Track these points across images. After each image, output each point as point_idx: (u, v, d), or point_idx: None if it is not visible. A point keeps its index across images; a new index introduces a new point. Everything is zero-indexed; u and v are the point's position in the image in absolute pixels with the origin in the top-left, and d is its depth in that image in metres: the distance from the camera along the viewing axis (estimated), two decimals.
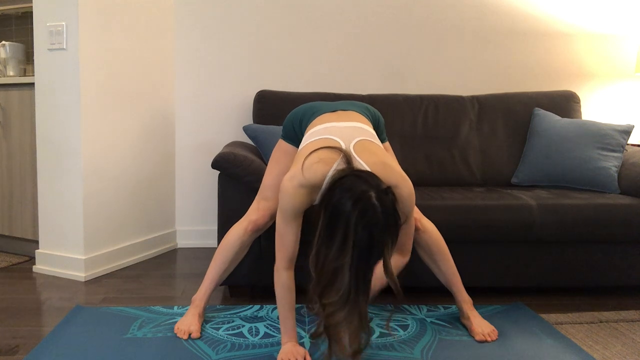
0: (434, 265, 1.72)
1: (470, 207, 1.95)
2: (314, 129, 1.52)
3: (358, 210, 1.13)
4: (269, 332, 1.67)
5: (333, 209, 1.16)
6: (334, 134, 1.41)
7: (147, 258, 2.62)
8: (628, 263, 2.02)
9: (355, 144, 1.38)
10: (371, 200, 1.14)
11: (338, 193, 1.16)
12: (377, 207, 1.14)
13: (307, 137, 1.51)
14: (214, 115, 2.85)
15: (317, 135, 1.45)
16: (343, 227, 1.13)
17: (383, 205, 1.14)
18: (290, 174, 1.33)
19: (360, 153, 1.36)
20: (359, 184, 1.16)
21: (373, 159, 1.34)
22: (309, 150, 1.35)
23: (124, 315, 1.77)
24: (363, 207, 1.13)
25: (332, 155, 1.31)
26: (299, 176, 1.30)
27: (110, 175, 2.37)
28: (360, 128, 1.47)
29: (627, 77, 2.92)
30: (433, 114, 2.58)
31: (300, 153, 1.40)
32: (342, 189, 1.16)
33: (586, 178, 2.23)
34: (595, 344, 1.62)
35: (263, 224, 1.71)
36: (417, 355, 1.51)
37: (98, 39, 2.26)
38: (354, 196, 1.13)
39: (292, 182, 1.31)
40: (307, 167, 1.30)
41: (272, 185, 1.69)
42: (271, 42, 2.83)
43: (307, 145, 1.42)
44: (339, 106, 1.64)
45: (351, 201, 1.13)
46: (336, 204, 1.15)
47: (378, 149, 1.41)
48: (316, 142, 1.40)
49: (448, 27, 2.87)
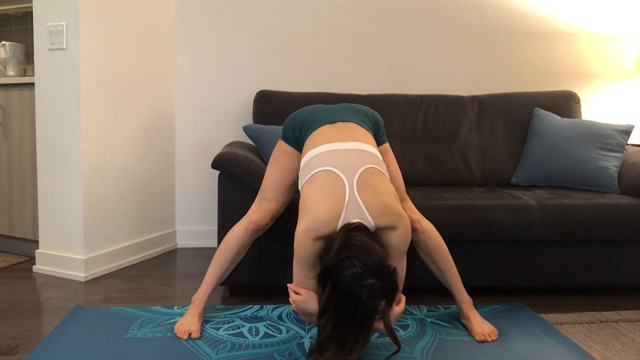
0: (434, 266, 1.72)
1: (470, 207, 1.95)
2: (313, 151, 1.52)
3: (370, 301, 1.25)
4: (269, 332, 1.67)
5: (343, 294, 1.25)
6: (337, 166, 1.43)
7: (147, 258, 2.62)
8: (628, 263, 2.02)
9: (358, 179, 1.41)
10: (375, 292, 1.25)
11: (347, 281, 1.24)
12: (379, 295, 1.26)
13: (307, 163, 1.51)
14: (214, 115, 2.85)
15: (319, 164, 1.46)
16: (353, 309, 1.25)
17: (384, 290, 1.28)
18: (304, 227, 1.36)
19: (362, 192, 1.39)
20: (366, 274, 1.24)
21: (374, 202, 1.38)
22: (316, 195, 1.40)
23: (124, 315, 1.77)
24: (372, 299, 1.25)
25: (339, 203, 1.37)
26: (314, 229, 1.35)
27: (110, 175, 2.37)
28: (361, 152, 1.48)
29: (627, 77, 2.92)
30: (433, 114, 2.58)
31: (309, 197, 1.42)
32: (351, 277, 1.24)
33: (586, 178, 2.23)
34: (595, 344, 1.62)
35: (264, 224, 1.71)
36: (417, 355, 1.51)
37: (98, 39, 2.26)
38: (364, 288, 1.24)
39: (307, 235, 1.36)
40: (319, 219, 1.36)
41: (272, 185, 1.70)
42: (271, 42, 2.83)
43: (311, 187, 1.43)
44: (338, 115, 1.63)
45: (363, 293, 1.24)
46: (347, 292, 1.25)
47: (379, 181, 1.44)
48: (321, 182, 1.42)
49: (448, 27, 2.87)
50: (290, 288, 1.46)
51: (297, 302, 1.42)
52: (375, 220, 1.38)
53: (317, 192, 1.40)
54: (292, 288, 1.45)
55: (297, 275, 1.45)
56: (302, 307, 1.42)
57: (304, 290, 1.43)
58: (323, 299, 1.28)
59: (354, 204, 1.38)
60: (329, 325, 1.26)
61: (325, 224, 1.35)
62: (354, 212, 1.37)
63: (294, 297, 1.43)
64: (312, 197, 1.40)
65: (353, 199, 1.38)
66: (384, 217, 1.38)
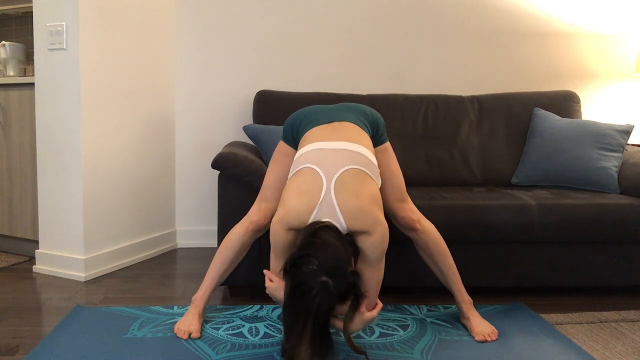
0: (434, 266, 1.72)
1: (470, 207, 1.95)
2: (304, 148, 1.54)
3: (318, 297, 1.26)
4: (269, 332, 1.67)
5: (296, 288, 1.28)
6: (319, 164, 1.45)
7: (147, 258, 2.62)
8: (628, 263, 2.02)
9: (337, 179, 1.42)
10: (327, 289, 1.26)
11: (301, 276, 1.27)
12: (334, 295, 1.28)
13: (296, 159, 1.55)
14: (214, 115, 2.85)
15: (304, 161, 1.49)
16: (303, 303, 1.27)
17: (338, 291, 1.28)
18: (278, 217, 1.42)
19: (338, 193, 1.40)
20: (320, 272, 1.26)
21: (348, 204, 1.40)
22: (294, 190, 1.44)
23: (124, 315, 1.77)
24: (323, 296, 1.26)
25: (312, 200, 1.40)
26: (285, 221, 1.41)
27: (110, 175, 2.37)
28: (348, 152, 1.49)
29: (628, 77, 2.92)
30: (433, 114, 2.58)
31: (287, 190, 1.47)
32: (304, 273, 1.27)
33: (586, 178, 2.23)
34: (595, 344, 1.62)
35: (264, 224, 1.71)
36: (417, 355, 1.51)
37: (98, 39, 2.26)
38: (315, 284, 1.26)
39: (279, 225, 1.42)
40: (291, 211, 1.40)
41: (272, 185, 1.70)
42: (271, 42, 2.83)
43: (293, 181, 1.47)
44: (336, 115, 1.64)
45: (313, 289, 1.26)
46: (300, 286, 1.27)
47: (360, 184, 1.44)
48: (301, 178, 1.45)
49: (448, 27, 2.87)
50: (266, 274, 1.52)
51: (269, 288, 1.49)
52: (348, 223, 1.39)
53: (295, 187, 1.45)
54: (268, 275, 1.51)
55: (272, 262, 1.51)
56: (274, 295, 1.49)
57: (277, 277, 1.48)
58: (285, 293, 1.32)
59: (327, 204, 1.40)
60: (287, 318, 1.31)
61: (295, 218, 1.40)
62: (326, 211, 1.40)
63: (267, 283, 1.50)
64: (290, 190, 1.45)
65: (327, 199, 1.40)
66: (357, 220, 1.39)
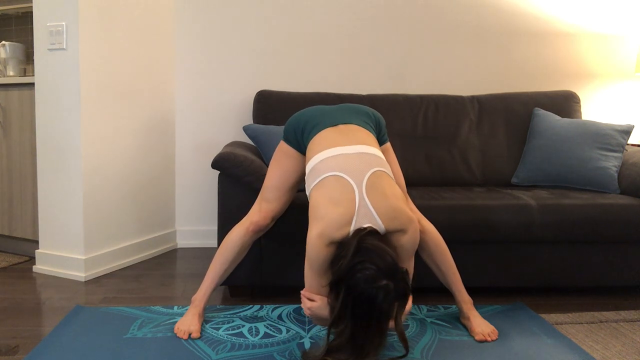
0: (434, 266, 1.72)
1: (470, 207, 1.95)
2: (319, 155, 1.51)
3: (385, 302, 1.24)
4: (269, 332, 1.67)
5: (358, 297, 1.24)
6: (344, 170, 1.43)
7: (147, 258, 2.62)
8: (628, 263, 2.02)
9: (367, 183, 1.41)
10: (389, 293, 1.25)
11: (361, 284, 1.24)
12: (395, 297, 1.26)
13: (314, 167, 1.50)
14: (214, 115, 2.85)
15: (325, 169, 1.45)
16: (369, 311, 1.25)
17: (398, 291, 1.27)
18: (318, 232, 1.35)
19: (371, 196, 1.39)
20: (380, 276, 1.25)
21: (383, 205, 1.38)
22: (326, 201, 1.39)
23: (124, 315, 1.77)
24: (389, 300, 1.25)
25: (350, 208, 1.37)
26: (327, 235, 1.35)
27: (110, 175, 2.37)
28: (367, 155, 1.48)
29: (627, 77, 2.92)
30: (433, 114, 2.58)
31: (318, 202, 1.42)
32: (364, 280, 1.24)
33: (586, 178, 2.23)
34: (595, 344, 1.62)
35: (264, 225, 1.71)
36: (417, 355, 1.51)
37: (98, 39, 2.26)
38: (379, 290, 1.24)
39: (320, 240, 1.35)
40: (331, 224, 1.36)
41: (273, 186, 1.69)
42: (271, 42, 2.83)
43: (320, 193, 1.42)
44: (340, 117, 1.62)
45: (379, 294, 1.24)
46: (363, 295, 1.24)
47: (387, 184, 1.44)
48: (329, 188, 1.42)
49: (448, 27, 2.87)
50: (303, 295, 1.45)
51: (312, 309, 1.42)
52: (386, 224, 1.38)
53: (327, 197, 1.40)
54: (306, 295, 1.44)
55: (310, 281, 1.43)
56: (317, 314, 1.42)
57: (318, 296, 1.42)
58: (337, 305, 1.26)
59: (364, 209, 1.38)
60: (347, 330, 1.25)
61: (337, 230, 1.35)
62: (364, 216, 1.37)
63: (308, 304, 1.43)
64: (322, 202, 1.40)
65: (363, 204, 1.38)
66: (394, 220, 1.39)
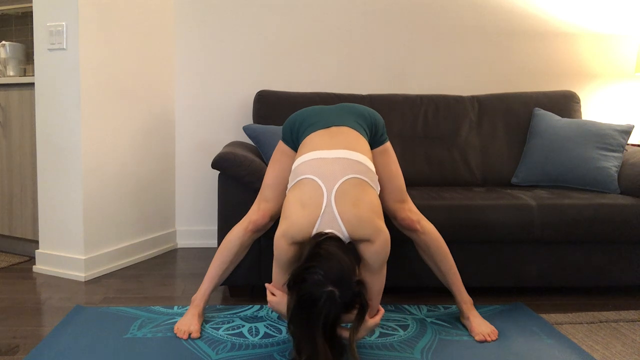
0: (434, 266, 1.72)
1: (470, 207, 1.95)
2: (302, 157, 1.54)
3: (326, 307, 1.27)
4: (269, 332, 1.67)
5: (303, 299, 1.28)
6: (319, 175, 1.45)
7: (147, 258, 2.62)
8: (628, 263, 2.02)
9: (338, 189, 1.42)
10: (333, 299, 1.27)
11: (307, 287, 1.27)
12: (340, 304, 1.28)
13: (295, 168, 1.54)
14: (214, 115, 2.85)
15: (303, 171, 1.49)
16: (311, 314, 1.27)
17: (344, 300, 1.28)
18: (281, 231, 1.41)
19: (339, 203, 1.41)
20: (326, 282, 1.26)
21: (350, 213, 1.40)
22: (296, 202, 1.43)
23: (124, 315, 1.77)
24: (330, 305, 1.27)
25: (314, 212, 1.40)
26: (289, 235, 1.40)
27: (110, 175, 2.37)
28: (347, 161, 1.49)
29: (627, 77, 2.92)
30: (433, 114, 2.58)
31: (288, 202, 1.46)
32: (310, 283, 1.27)
33: (586, 178, 2.23)
34: (595, 344, 1.62)
35: (263, 224, 1.71)
36: (417, 355, 1.51)
37: (98, 39, 2.26)
38: (322, 294, 1.26)
39: (283, 239, 1.41)
40: (294, 225, 1.40)
41: (272, 185, 1.70)
42: (271, 42, 2.83)
43: (293, 194, 1.46)
44: (334, 119, 1.63)
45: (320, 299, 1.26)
46: (306, 297, 1.27)
47: (360, 193, 1.44)
48: (302, 190, 1.45)
49: (448, 27, 2.87)
50: (267, 288, 1.52)
51: (271, 302, 1.49)
52: (350, 232, 1.40)
53: (297, 199, 1.44)
54: (270, 289, 1.51)
55: (275, 276, 1.50)
56: (277, 308, 1.49)
57: (279, 292, 1.48)
58: (290, 305, 1.32)
59: (329, 215, 1.40)
60: (295, 332, 1.31)
61: (299, 231, 1.39)
62: (328, 222, 1.40)
63: (269, 297, 1.50)
64: (292, 203, 1.44)
65: (329, 210, 1.40)
66: (358, 229, 1.40)
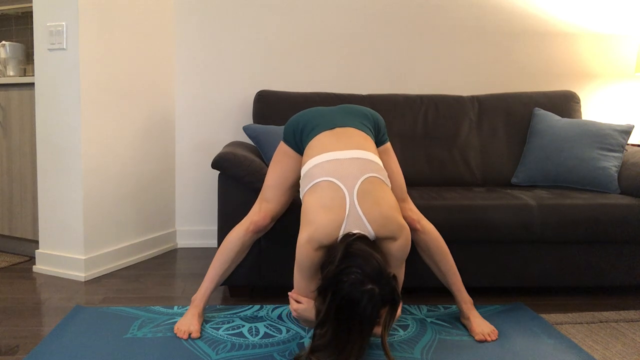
0: (434, 266, 1.72)
1: (470, 207, 1.95)
2: (314, 159, 1.51)
3: (369, 306, 1.25)
4: (269, 332, 1.67)
5: (343, 301, 1.26)
6: (337, 176, 1.44)
7: (147, 258, 2.62)
8: (628, 263, 2.02)
9: (359, 189, 1.41)
10: (374, 297, 1.25)
11: (347, 287, 1.25)
12: (381, 301, 1.27)
13: (308, 171, 1.51)
14: (214, 115, 2.85)
15: (319, 174, 1.46)
16: (352, 314, 1.26)
17: (384, 296, 1.28)
18: (306, 237, 1.37)
19: (362, 203, 1.40)
20: (365, 280, 1.25)
21: (374, 213, 1.39)
22: (317, 206, 1.41)
23: (124, 315, 1.77)
24: (373, 304, 1.26)
25: (339, 214, 1.38)
26: (315, 239, 1.37)
27: (110, 175, 2.37)
28: (361, 160, 1.48)
29: (627, 77, 2.92)
30: (433, 114, 2.58)
31: (309, 207, 1.43)
32: (350, 283, 1.25)
33: (586, 178, 2.23)
34: (595, 344, 1.62)
35: (264, 225, 1.71)
36: (417, 355, 1.51)
37: (98, 39, 2.26)
38: (363, 294, 1.25)
39: (309, 244, 1.37)
40: (320, 228, 1.37)
41: (272, 185, 1.70)
42: (271, 42, 2.83)
43: (312, 197, 1.43)
44: (337, 120, 1.63)
45: (363, 297, 1.25)
46: (347, 298, 1.25)
47: (380, 191, 1.44)
48: (321, 193, 1.43)
49: (448, 27, 2.87)
50: (291, 296, 1.48)
51: (298, 310, 1.46)
52: (376, 231, 1.40)
53: (318, 202, 1.41)
54: (293, 297, 1.47)
55: (299, 284, 1.46)
56: (304, 316, 1.45)
57: (305, 299, 1.45)
58: (323, 308, 1.28)
59: (354, 215, 1.39)
60: (329, 333, 1.27)
61: (326, 235, 1.37)
62: (354, 222, 1.39)
63: (294, 305, 1.46)
64: (313, 207, 1.41)
65: (353, 210, 1.39)
66: (384, 227, 1.39)
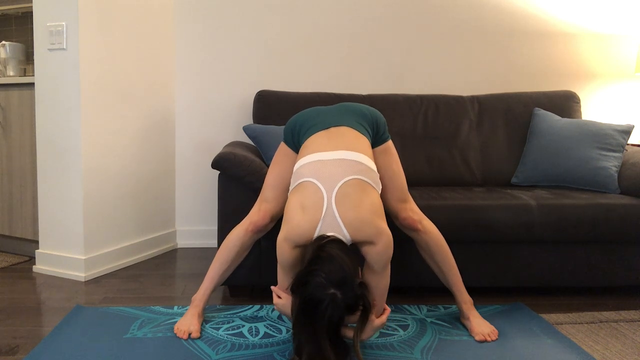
0: (435, 266, 1.72)
1: (470, 207, 1.95)
2: (303, 159, 1.54)
3: (329, 310, 1.28)
4: (269, 332, 1.67)
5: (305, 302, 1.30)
6: (318, 177, 1.45)
7: (147, 258, 2.62)
8: (628, 263, 2.02)
9: (338, 191, 1.42)
10: (335, 301, 1.28)
11: (310, 289, 1.29)
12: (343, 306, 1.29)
13: (296, 170, 1.55)
14: (214, 115, 2.85)
15: (303, 174, 1.49)
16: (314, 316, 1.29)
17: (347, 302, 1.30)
18: (283, 235, 1.42)
19: (340, 205, 1.41)
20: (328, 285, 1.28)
21: (351, 215, 1.40)
22: (296, 206, 1.44)
23: (124, 315, 1.77)
24: (333, 308, 1.28)
25: (315, 216, 1.41)
26: (290, 239, 1.41)
27: (110, 175, 2.37)
28: (347, 162, 1.49)
29: (627, 77, 2.92)
30: (433, 114, 2.58)
31: (289, 206, 1.47)
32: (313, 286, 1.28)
33: (586, 178, 2.23)
34: (595, 344, 1.62)
35: (263, 225, 1.71)
36: (417, 355, 1.51)
37: (98, 39, 2.26)
38: (324, 297, 1.28)
39: (286, 243, 1.42)
40: (296, 228, 1.41)
41: (273, 186, 1.70)
42: (271, 42, 2.83)
43: (294, 197, 1.47)
44: (334, 120, 1.63)
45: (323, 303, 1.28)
46: (309, 300, 1.29)
47: (360, 194, 1.44)
48: (302, 193, 1.45)
49: (448, 27, 2.87)
50: (273, 291, 1.54)
51: (278, 305, 1.51)
52: (352, 234, 1.40)
53: (298, 202, 1.44)
54: (275, 291, 1.53)
55: (280, 279, 1.52)
56: (283, 311, 1.51)
57: (285, 294, 1.49)
58: (294, 308, 1.33)
59: (330, 217, 1.40)
60: (299, 334, 1.32)
61: (300, 235, 1.40)
62: (330, 225, 1.40)
63: (275, 300, 1.51)
64: (293, 207, 1.45)
65: (330, 212, 1.40)
66: (360, 232, 1.40)
